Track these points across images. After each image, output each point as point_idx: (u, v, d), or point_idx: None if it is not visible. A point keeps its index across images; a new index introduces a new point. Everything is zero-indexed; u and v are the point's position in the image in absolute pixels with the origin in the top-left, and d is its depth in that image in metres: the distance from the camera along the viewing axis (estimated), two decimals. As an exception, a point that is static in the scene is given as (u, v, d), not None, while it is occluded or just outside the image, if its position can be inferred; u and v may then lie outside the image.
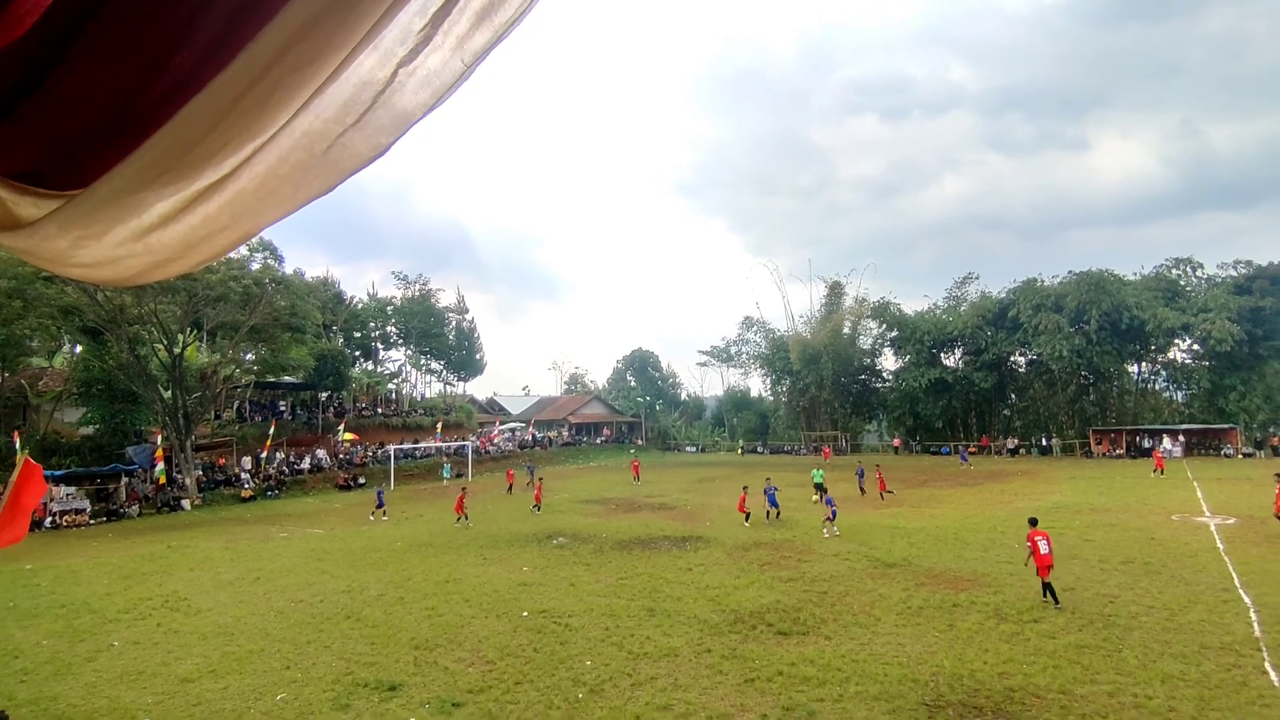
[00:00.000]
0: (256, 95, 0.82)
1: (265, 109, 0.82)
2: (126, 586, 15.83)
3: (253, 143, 0.86)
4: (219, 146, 0.87)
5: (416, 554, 18.38)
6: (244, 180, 0.89)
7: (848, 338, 62.33)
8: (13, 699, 8.99)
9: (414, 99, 0.85)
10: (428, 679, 9.53)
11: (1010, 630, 10.69)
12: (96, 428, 36.23)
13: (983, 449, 50.21)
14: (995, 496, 26.80)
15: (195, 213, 0.94)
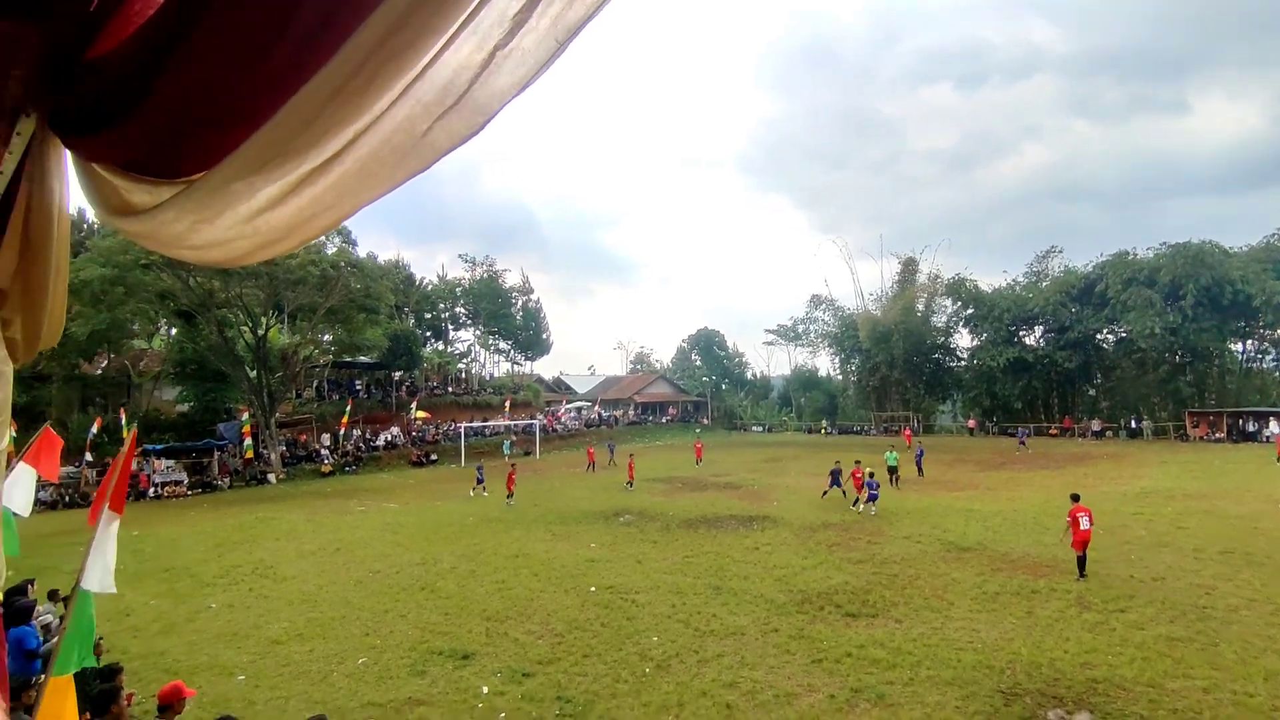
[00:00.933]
0: (359, 83, 0.85)
1: (367, 95, 0.85)
2: (220, 554, 16.86)
3: (355, 127, 0.89)
4: (323, 132, 0.90)
5: (487, 529, 18.89)
6: (347, 163, 0.93)
7: (920, 316, 60.33)
8: (126, 652, 9.70)
9: (509, 78, 0.85)
10: (499, 649, 9.80)
11: (1094, 619, 10.20)
12: (191, 405, 38.65)
13: (1065, 431, 47.90)
14: (1078, 480, 25.55)
15: (302, 195, 0.99)
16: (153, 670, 9.24)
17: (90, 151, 1.30)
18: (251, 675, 9.21)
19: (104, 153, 1.24)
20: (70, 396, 35.97)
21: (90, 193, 1.35)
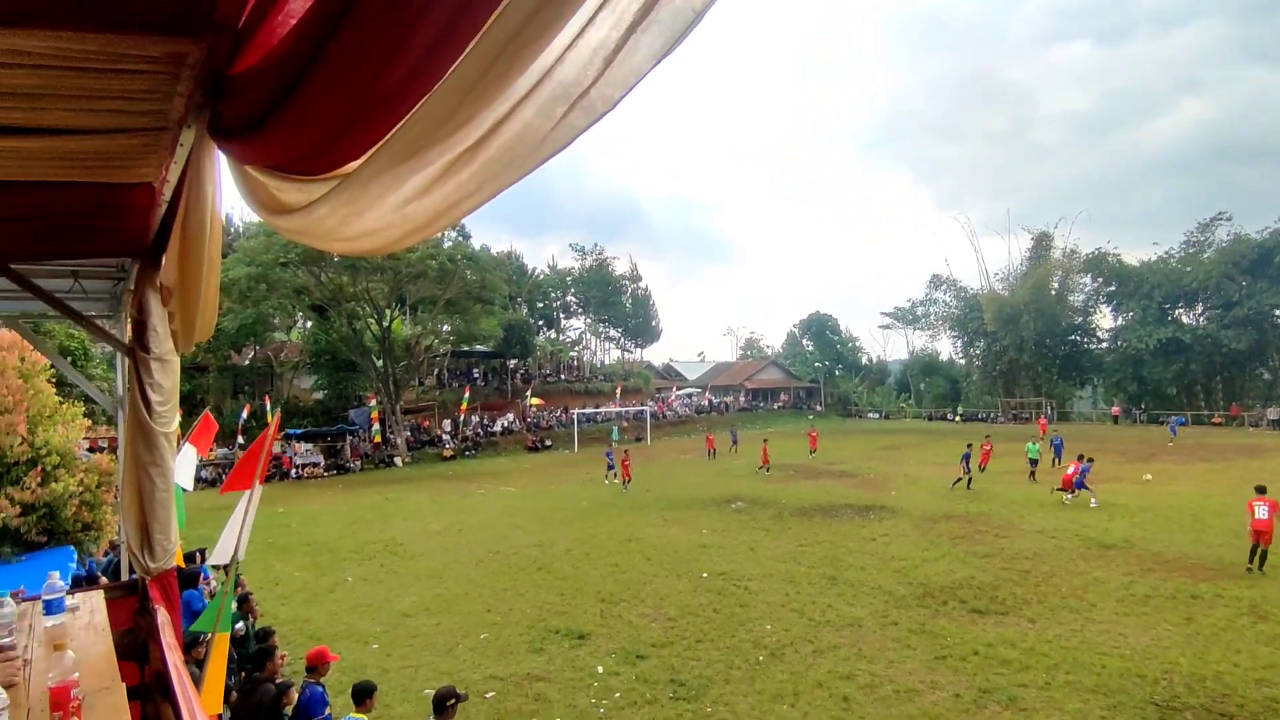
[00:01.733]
0: (499, 69, 0.86)
1: (506, 81, 0.86)
2: (354, 531, 18.19)
3: (496, 113, 0.90)
4: (465, 120, 0.92)
5: (600, 513, 19.31)
6: (491, 149, 0.94)
7: (1054, 294, 55.90)
8: (276, 618, 10.67)
9: (645, 51, 0.83)
10: (613, 630, 10.00)
11: (1272, 631, 9.13)
12: (325, 393, 41.86)
13: (1231, 420, 43.01)
14: (1249, 475, 22.92)
15: (447, 183, 1.01)
16: (299, 635, 10.10)
17: (244, 155, 1.39)
18: (384, 644, 9.88)
19: (256, 156, 1.32)
20: (224, 385, 39.79)
21: (246, 194, 1.45)
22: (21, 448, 10.68)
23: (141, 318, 3.34)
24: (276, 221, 1.34)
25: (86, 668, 2.05)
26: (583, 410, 44.83)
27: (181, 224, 2.06)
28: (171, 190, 2.33)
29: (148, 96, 1.57)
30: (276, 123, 1.22)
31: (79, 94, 1.51)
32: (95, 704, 1.93)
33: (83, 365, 22.70)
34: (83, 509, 11.31)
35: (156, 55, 1.38)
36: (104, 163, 2.03)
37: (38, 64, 1.35)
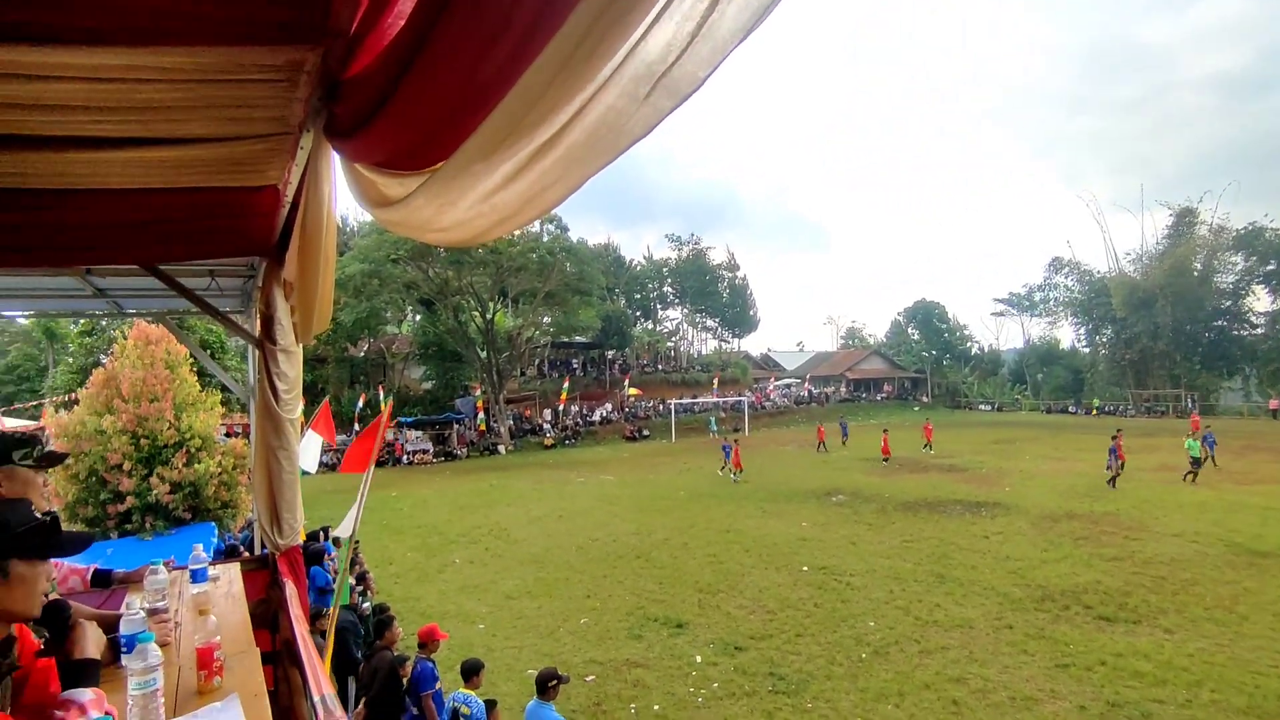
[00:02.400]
0: (583, 53, 0.85)
1: (590, 64, 0.85)
2: (461, 515, 19.02)
3: (580, 99, 0.89)
4: (550, 109, 0.92)
5: (698, 503, 19.31)
6: (575, 134, 0.94)
7: (1197, 275, 50.74)
8: (390, 595, 11.33)
9: (732, 24, 0.80)
10: (711, 621, 9.98)
11: None
12: (434, 383, 43.97)
13: None
14: None
15: (534, 170, 1.02)
16: (411, 613, 10.66)
17: (354, 154, 1.46)
18: (490, 625, 10.29)
19: (364, 154, 1.39)
20: (342, 375, 42.51)
21: (355, 189, 1.52)
22: (170, 432, 11.82)
23: (269, 312, 3.60)
24: (380, 214, 1.40)
25: (226, 632, 2.24)
26: (680, 400, 44.94)
27: (301, 223, 2.20)
28: (293, 191, 2.49)
29: (272, 103, 1.67)
30: (382, 122, 1.27)
31: (213, 105, 1.63)
32: (234, 665, 2.10)
33: (219, 357, 24.79)
34: (221, 488, 12.41)
35: (279, 64, 1.46)
36: (236, 168, 2.19)
37: (178, 79, 1.47)
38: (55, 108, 1.58)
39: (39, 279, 4.65)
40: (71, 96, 1.53)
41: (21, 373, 39.27)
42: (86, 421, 11.64)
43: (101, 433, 11.49)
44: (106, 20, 1.24)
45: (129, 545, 10.97)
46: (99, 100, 1.55)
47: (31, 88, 1.46)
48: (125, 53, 1.33)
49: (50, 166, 1.93)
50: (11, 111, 1.58)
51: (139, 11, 1.22)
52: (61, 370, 31.38)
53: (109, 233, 2.82)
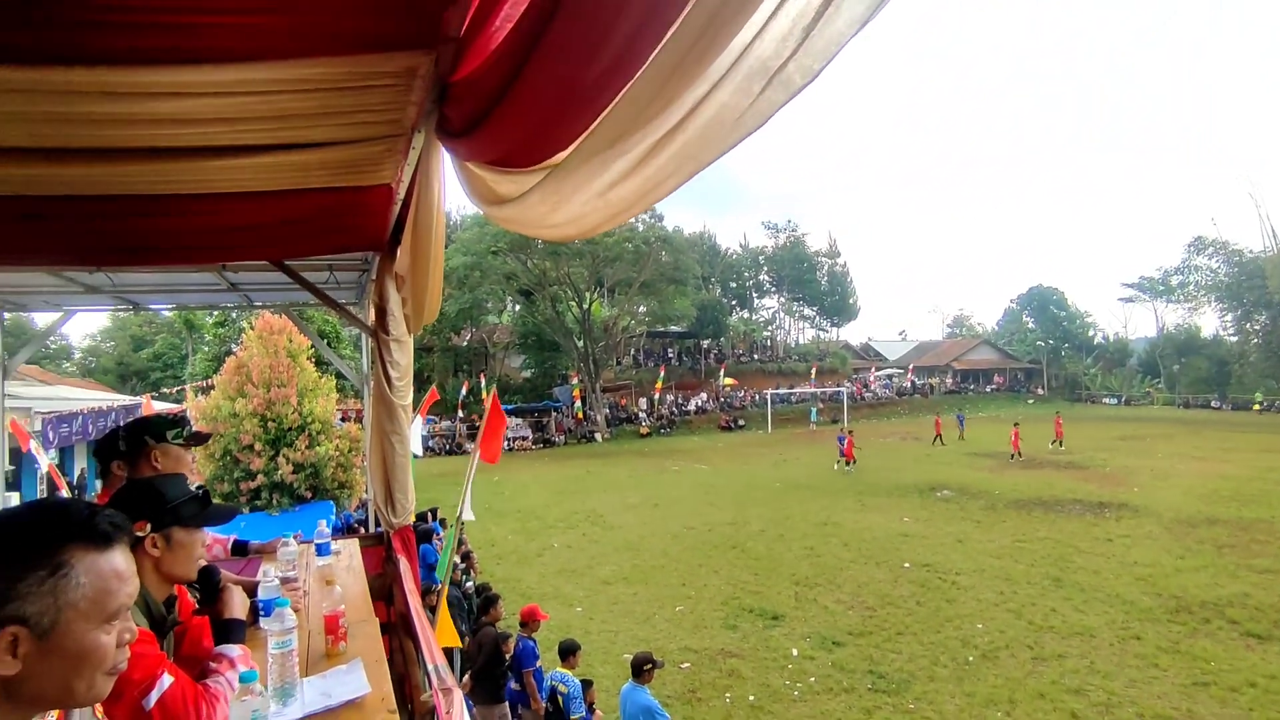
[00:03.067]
0: (699, 50, 0.86)
1: (705, 61, 0.86)
2: (559, 500, 19.53)
3: (695, 95, 0.90)
4: (665, 105, 0.93)
5: (794, 495, 19.01)
6: (690, 130, 0.94)
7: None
8: (493, 575, 11.81)
9: (847, 17, 0.78)
10: (808, 614, 9.83)
11: None
12: (533, 371, 45.27)
13: None
14: None
15: (648, 166, 1.04)
16: (512, 593, 11.06)
17: (465, 154, 1.52)
18: (587, 608, 10.54)
19: (476, 153, 1.45)
20: (446, 364, 44.43)
21: (467, 188, 1.60)
22: (293, 416, 12.77)
23: (382, 304, 3.81)
24: (493, 212, 1.45)
25: (348, 602, 2.41)
26: (776, 390, 44.28)
27: (413, 219, 2.33)
28: (404, 190, 2.63)
29: (388, 108, 1.77)
30: (492, 122, 1.31)
31: (338, 111, 1.75)
32: (357, 632, 2.27)
33: (335, 346, 26.48)
34: (338, 470, 13.30)
35: (395, 70, 1.55)
36: (354, 169, 2.33)
37: (309, 89, 1.58)
38: (202, 120, 1.73)
39: (181, 275, 5.14)
40: (218, 110, 1.67)
41: (166, 360, 43.40)
42: (221, 405, 12.77)
43: (235, 416, 12.56)
44: (252, 41, 1.36)
45: (259, 519, 11.98)
46: (240, 112, 1.69)
47: (183, 104, 1.61)
48: (267, 68, 1.45)
49: (195, 174, 2.12)
50: (165, 126, 1.74)
51: (280, 31, 1.32)
52: (199, 358, 34.52)
53: (243, 233, 3.07)
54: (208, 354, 32.34)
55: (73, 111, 1.61)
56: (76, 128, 1.72)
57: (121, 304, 6.01)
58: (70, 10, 1.25)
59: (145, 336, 45.98)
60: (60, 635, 0.99)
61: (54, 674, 1.00)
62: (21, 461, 12.56)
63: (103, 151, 1.87)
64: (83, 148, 1.85)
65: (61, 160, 1.90)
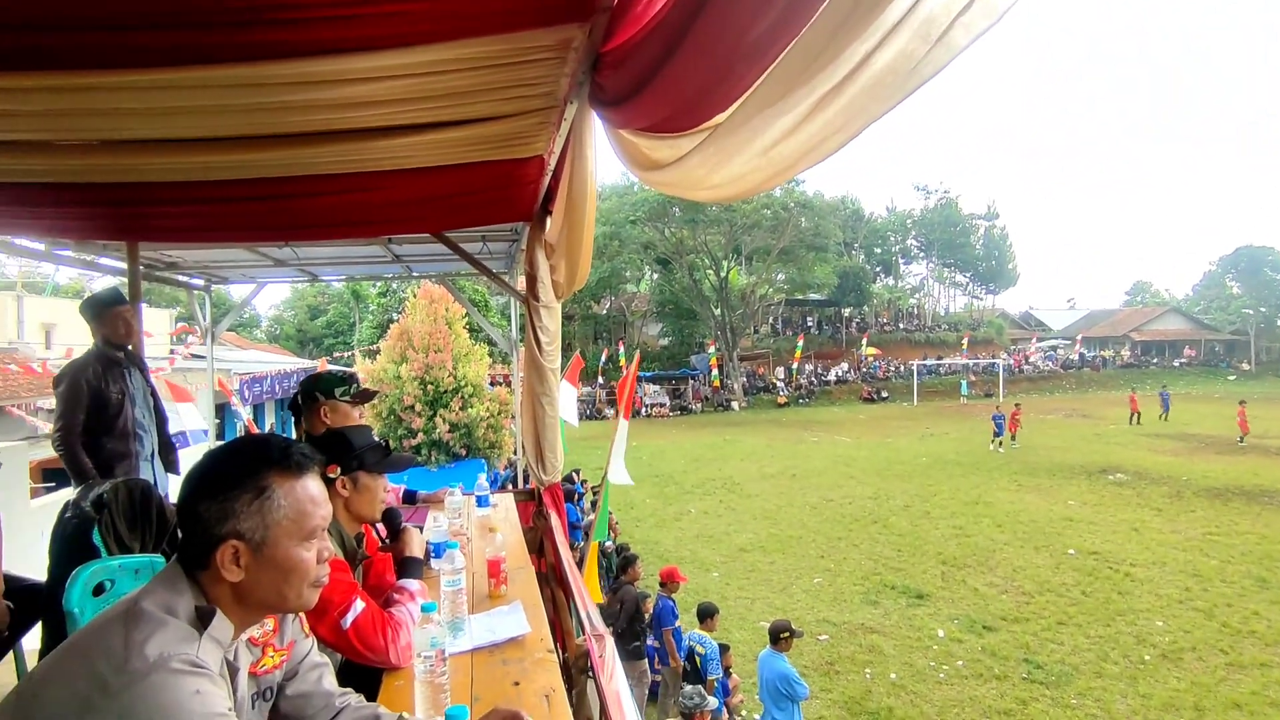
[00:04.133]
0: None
1: (879, 8, 0.79)
2: (696, 467, 19.73)
3: (867, 45, 0.83)
4: (833, 57, 0.87)
5: (941, 471, 18.04)
6: (860, 82, 0.88)
7: None
8: (631, 537, 12.19)
9: None
10: (955, 596, 9.37)
11: None
12: (670, 339, 45.67)
13: None
14: None
15: (814, 122, 0.99)
16: (650, 555, 11.36)
17: (619, 121, 1.55)
18: (724, 574, 10.64)
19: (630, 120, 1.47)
20: (586, 331, 45.78)
21: (621, 154, 1.63)
22: (449, 379, 13.74)
23: (532, 271, 4.00)
24: (648, 177, 1.46)
25: (508, 550, 2.59)
26: (923, 362, 41.90)
27: (567, 188, 2.41)
28: (555, 160, 2.72)
29: (542, 81, 1.84)
30: (647, 88, 1.32)
31: (497, 87, 1.84)
32: (516, 577, 2.45)
33: (484, 313, 28.09)
34: (489, 431, 14.18)
35: (550, 44, 1.60)
36: (508, 142, 2.45)
37: (471, 68, 1.67)
38: (374, 103, 1.88)
39: (352, 248, 5.66)
40: (389, 93, 1.80)
41: (337, 327, 47.82)
42: (387, 369, 13.97)
43: (398, 378, 13.71)
44: (420, 25, 1.46)
45: (419, 473, 13.07)
46: (407, 93, 1.82)
47: (358, 89, 1.75)
48: (433, 49, 1.55)
49: (367, 153, 2.31)
50: (342, 110, 1.91)
51: (446, 14, 1.41)
52: (365, 325, 37.91)
53: (408, 207, 3.32)
54: (372, 321, 35.54)
55: (267, 101, 1.80)
56: (270, 116, 1.92)
57: (302, 276, 6.73)
58: (257, 11, 1.39)
59: (319, 306, 50.91)
60: (270, 548, 1.18)
61: (268, 582, 1.19)
62: (225, 414, 14.46)
63: (291, 137, 2.08)
64: (274, 134, 2.07)
65: (258, 146, 2.14)
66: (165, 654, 1.02)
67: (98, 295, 3.72)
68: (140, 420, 3.64)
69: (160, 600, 1.11)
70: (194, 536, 1.17)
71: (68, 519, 3.07)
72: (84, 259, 4.92)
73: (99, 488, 3.03)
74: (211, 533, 1.15)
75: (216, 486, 1.17)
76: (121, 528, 3.03)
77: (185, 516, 1.18)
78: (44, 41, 1.46)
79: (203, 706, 1.01)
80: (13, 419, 8.51)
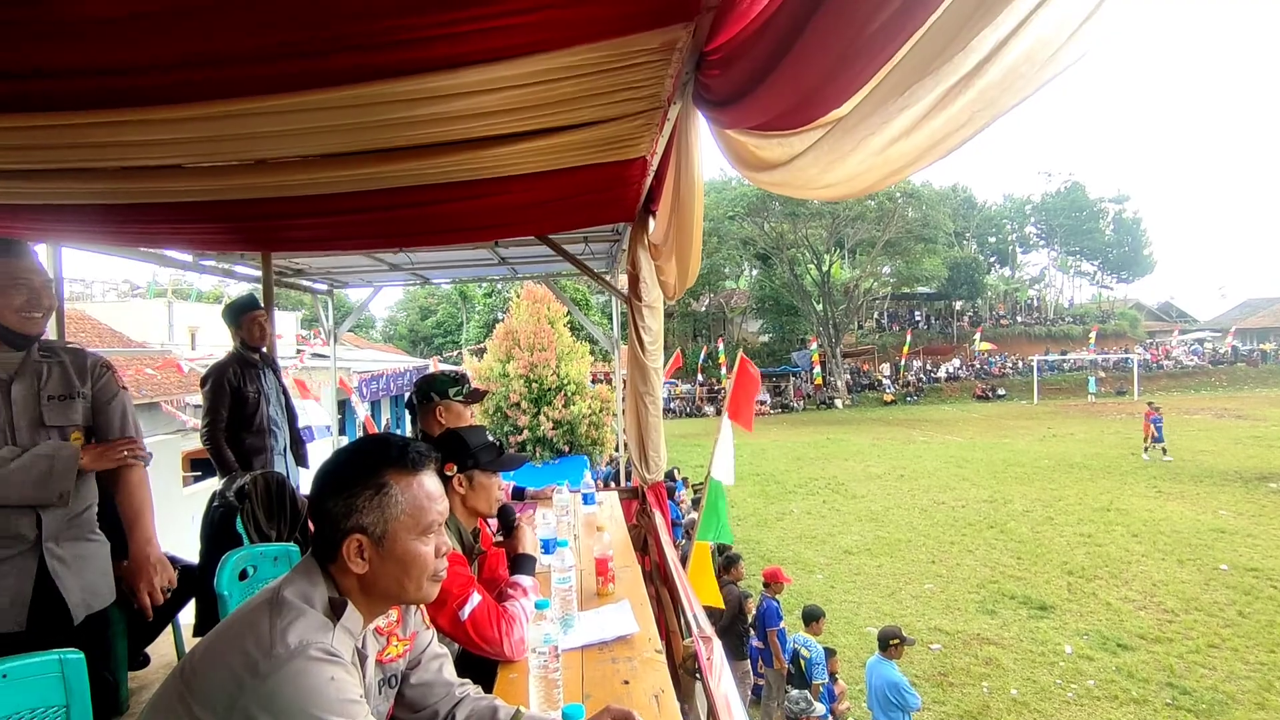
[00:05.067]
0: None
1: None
2: (798, 466, 19.30)
3: (1000, 33, 0.75)
4: (961, 48, 0.79)
5: (1067, 474, 16.81)
6: (991, 73, 0.80)
7: None
8: (734, 537, 12.08)
9: None
10: (1084, 609, 8.71)
11: None
12: (770, 336, 44.93)
13: None
14: None
15: (937, 118, 0.92)
16: (751, 555, 11.19)
17: (724, 121, 1.53)
18: (828, 576, 10.36)
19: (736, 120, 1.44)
20: (685, 329, 45.76)
21: (728, 155, 1.60)
22: (552, 378, 14.10)
23: (635, 271, 4.03)
24: (758, 177, 1.42)
25: (614, 548, 2.62)
26: (1044, 357, 39.28)
27: (673, 188, 2.40)
28: (658, 160, 2.72)
29: (647, 83, 1.84)
30: (757, 88, 1.29)
31: (602, 92, 1.85)
32: (622, 575, 2.47)
33: (585, 312, 28.63)
34: (590, 428, 14.45)
35: (655, 46, 1.59)
36: (612, 145, 2.47)
37: (576, 75, 1.70)
38: (485, 114, 1.93)
39: (460, 252, 5.90)
40: (500, 103, 1.85)
41: (446, 327, 50.02)
42: (494, 367, 14.50)
43: (504, 376, 14.21)
44: (531, 35, 1.49)
45: (525, 469, 13.45)
46: (518, 103, 1.86)
47: (470, 101, 1.81)
48: (542, 59, 1.57)
49: (478, 162, 2.39)
50: (453, 122, 1.98)
51: (556, 24, 1.43)
52: (472, 325, 39.57)
53: (515, 212, 3.43)
54: (479, 321, 37.13)
55: (389, 118, 1.90)
56: (391, 131, 2.02)
57: (414, 279, 7.09)
58: (383, 34, 1.46)
59: (429, 307, 53.47)
60: (390, 542, 1.25)
61: (390, 574, 1.26)
62: (346, 410, 15.48)
63: (409, 149, 2.19)
64: (393, 148, 2.18)
65: (378, 160, 2.26)
66: (305, 641, 1.11)
67: (235, 302, 4.05)
68: (274, 417, 3.95)
69: (299, 590, 1.20)
70: (323, 530, 1.26)
71: (215, 508, 3.38)
72: (223, 268, 5.40)
73: (241, 479, 3.32)
74: (338, 527, 1.23)
75: (341, 484, 1.26)
76: (260, 516, 3.32)
77: (315, 512, 1.27)
78: (194, 76, 1.59)
79: (337, 692, 1.09)
80: (165, 414, 9.48)
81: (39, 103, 1.68)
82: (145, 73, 1.56)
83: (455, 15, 1.40)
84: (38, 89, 1.62)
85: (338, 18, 1.38)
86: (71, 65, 1.52)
